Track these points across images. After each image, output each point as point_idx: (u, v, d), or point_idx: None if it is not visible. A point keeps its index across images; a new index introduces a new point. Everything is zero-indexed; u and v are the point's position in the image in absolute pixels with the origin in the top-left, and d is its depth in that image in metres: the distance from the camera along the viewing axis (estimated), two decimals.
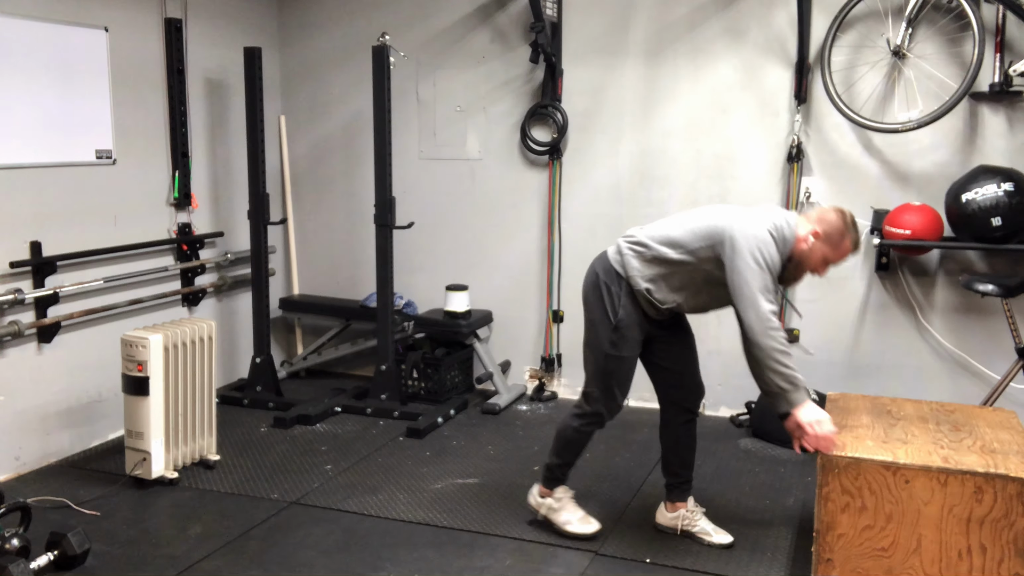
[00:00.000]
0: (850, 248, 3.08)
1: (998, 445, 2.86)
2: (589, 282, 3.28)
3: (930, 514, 2.69)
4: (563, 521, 3.38)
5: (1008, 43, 4.20)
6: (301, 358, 5.56)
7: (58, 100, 4.11)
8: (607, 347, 3.18)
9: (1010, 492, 2.61)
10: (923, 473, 2.68)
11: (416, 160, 5.37)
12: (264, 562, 3.20)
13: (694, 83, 4.78)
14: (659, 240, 3.12)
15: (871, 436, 2.90)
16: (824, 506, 2.78)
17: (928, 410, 3.25)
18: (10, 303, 3.88)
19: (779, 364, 2.86)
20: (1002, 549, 2.65)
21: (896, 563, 2.74)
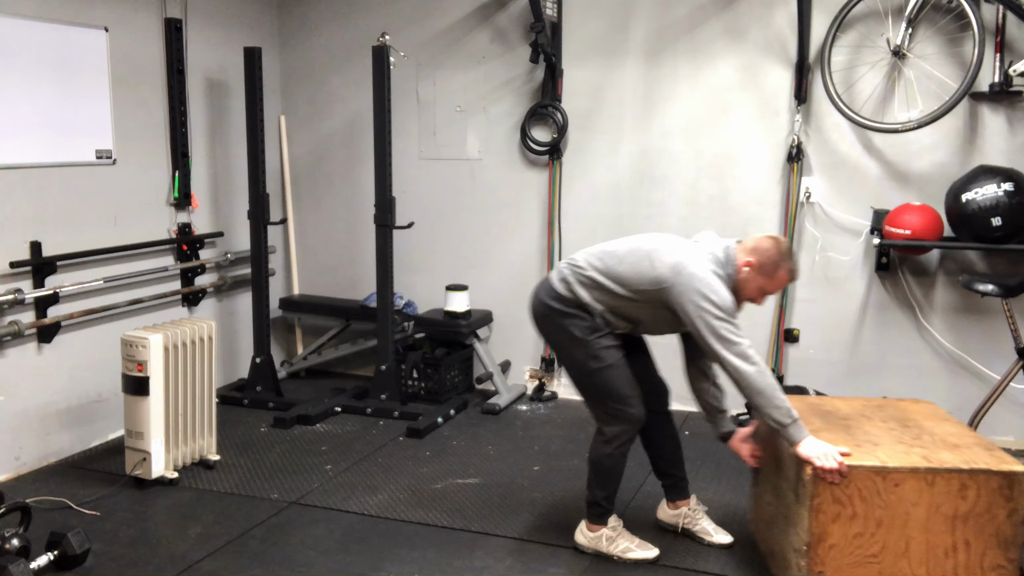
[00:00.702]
0: (786, 278, 3.04)
1: (954, 439, 2.90)
2: (540, 314, 3.21)
3: (918, 515, 2.70)
4: (623, 549, 3.22)
5: (1008, 43, 4.20)
6: (301, 358, 5.56)
7: (58, 100, 4.11)
8: (591, 364, 3.10)
9: (992, 486, 2.65)
10: (911, 475, 2.68)
11: (416, 160, 5.37)
12: (264, 562, 3.20)
13: (694, 83, 4.78)
14: (605, 274, 3.08)
15: (840, 440, 2.85)
16: (816, 518, 2.73)
17: (861, 406, 3.27)
18: (10, 303, 3.88)
19: (778, 400, 2.84)
20: (984, 542, 2.68)
21: (886, 567, 2.73)
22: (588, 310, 3.10)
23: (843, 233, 4.60)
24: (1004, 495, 2.65)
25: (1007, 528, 2.67)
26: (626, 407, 3.12)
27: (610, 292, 3.06)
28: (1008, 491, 2.65)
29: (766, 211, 4.72)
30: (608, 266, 3.09)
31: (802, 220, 4.66)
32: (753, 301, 3.08)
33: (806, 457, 2.73)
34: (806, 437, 2.78)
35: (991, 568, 2.69)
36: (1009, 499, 2.66)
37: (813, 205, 4.64)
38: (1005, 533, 2.67)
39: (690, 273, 2.92)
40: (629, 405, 3.12)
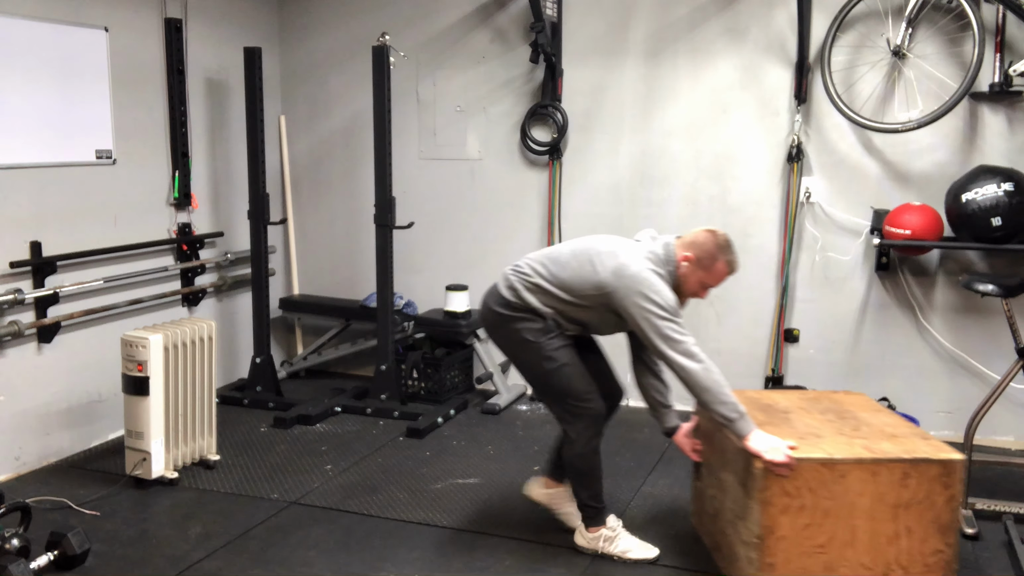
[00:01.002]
0: (725, 270, 3.08)
1: (892, 429, 2.98)
2: (491, 322, 3.25)
3: (863, 505, 2.76)
4: (623, 549, 3.23)
5: (1008, 43, 4.20)
6: (301, 358, 5.56)
7: (58, 100, 4.11)
8: (546, 365, 3.13)
9: (931, 474, 2.74)
10: (857, 466, 2.75)
11: (416, 160, 5.37)
12: (264, 562, 3.20)
13: (694, 83, 4.78)
14: (550, 281, 3.11)
15: (783, 434, 2.89)
16: (765, 510, 2.77)
17: (799, 400, 3.34)
18: (10, 303, 3.88)
19: (725, 396, 2.88)
20: (925, 528, 2.77)
21: (833, 557, 2.79)
22: (538, 314, 3.13)
23: (843, 233, 4.60)
24: (942, 483, 2.75)
25: (945, 514, 2.76)
26: (584, 403, 3.15)
27: (556, 297, 3.10)
28: (946, 479, 2.75)
29: (766, 211, 4.72)
30: (552, 272, 3.12)
31: (802, 220, 4.66)
32: (696, 295, 3.12)
33: (755, 451, 2.77)
34: (754, 431, 2.82)
35: (931, 553, 2.78)
36: (947, 486, 2.75)
37: (813, 205, 4.64)
38: (944, 519, 2.77)
39: (631, 275, 2.96)
40: (587, 401, 3.15)
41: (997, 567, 3.20)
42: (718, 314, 4.86)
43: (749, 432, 2.82)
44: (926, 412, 4.42)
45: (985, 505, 3.56)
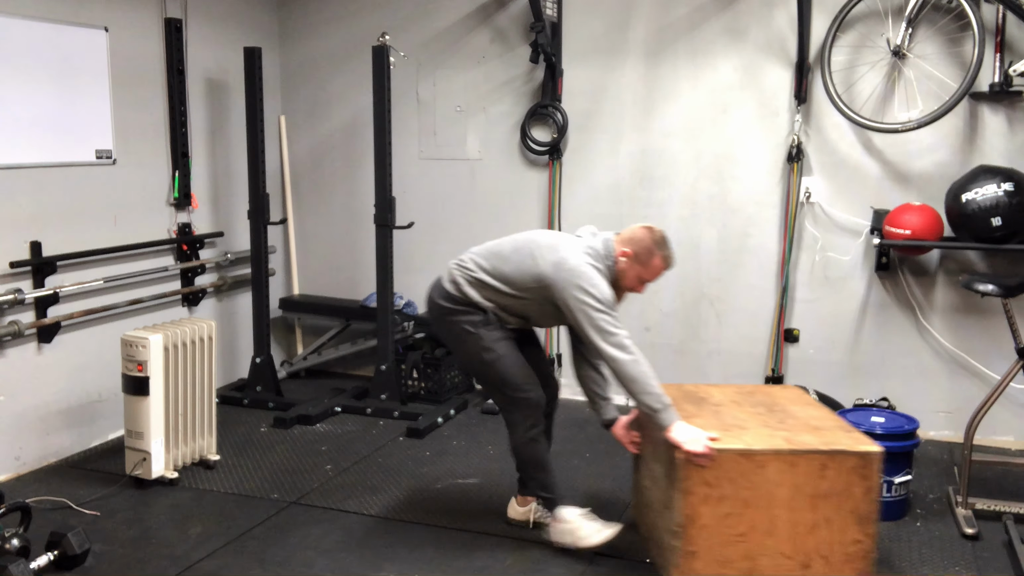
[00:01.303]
0: (662, 265, 3.18)
1: (817, 422, 3.04)
2: (435, 315, 3.35)
3: (782, 495, 2.81)
4: (584, 536, 3.27)
5: (1008, 43, 4.20)
6: (301, 358, 5.56)
7: (58, 100, 4.11)
8: (484, 356, 3.22)
9: (849, 465, 2.79)
10: (775, 457, 2.80)
11: (416, 160, 5.37)
12: (264, 562, 3.20)
13: (694, 83, 4.78)
14: (492, 275, 3.21)
15: (710, 425, 2.96)
16: (686, 499, 2.84)
17: (733, 393, 3.40)
18: (10, 303, 3.88)
19: (651, 387, 2.96)
20: (844, 519, 2.81)
21: (753, 545, 2.85)
22: (479, 307, 3.23)
23: (843, 233, 4.60)
24: (860, 474, 2.79)
25: (864, 505, 2.81)
26: (524, 392, 3.24)
27: (497, 291, 3.20)
28: (864, 470, 2.79)
29: (766, 211, 4.72)
30: (494, 266, 3.22)
31: (802, 220, 4.66)
32: (634, 290, 3.23)
33: (676, 441, 2.84)
34: (676, 422, 2.89)
35: (851, 543, 2.83)
36: (865, 477, 2.80)
37: (813, 205, 4.64)
38: (862, 510, 2.81)
39: (571, 268, 3.04)
40: (526, 390, 3.25)
41: (997, 567, 3.20)
42: (718, 314, 4.86)
43: (672, 423, 2.89)
44: (926, 412, 4.41)
45: (985, 505, 3.56)
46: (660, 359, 4.97)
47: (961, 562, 3.24)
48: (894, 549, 3.34)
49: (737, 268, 4.80)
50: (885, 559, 3.26)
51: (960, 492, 3.58)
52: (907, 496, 3.61)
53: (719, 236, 4.81)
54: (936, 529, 3.51)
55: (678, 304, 4.92)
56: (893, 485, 3.51)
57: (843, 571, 2.84)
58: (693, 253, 4.86)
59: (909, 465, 3.56)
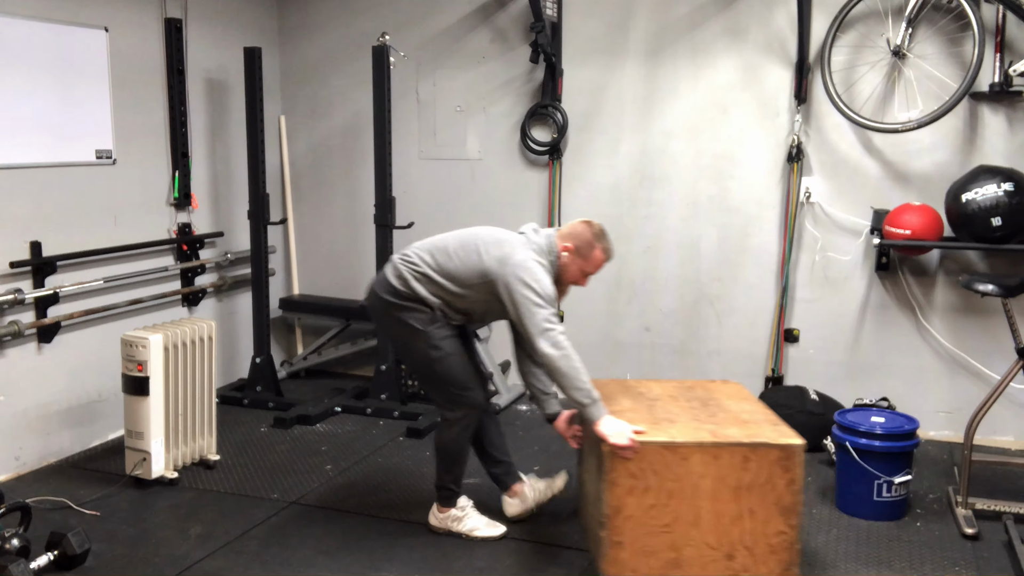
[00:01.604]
0: (602, 257, 3.28)
1: (747, 416, 3.10)
2: (378, 309, 3.36)
3: (706, 486, 2.87)
4: (471, 528, 3.38)
5: (1008, 43, 4.20)
6: (301, 358, 5.56)
7: (58, 100, 4.11)
8: (432, 354, 3.24)
9: (771, 458, 2.84)
10: (698, 449, 2.86)
11: (416, 160, 5.37)
12: (264, 562, 3.20)
13: (694, 83, 4.78)
14: (437, 271, 3.23)
15: (641, 419, 3.03)
16: (611, 491, 2.90)
17: (673, 388, 3.47)
18: (10, 303, 3.88)
19: (580, 382, 3.01)
20: (767, 510, 2.87)
21: (678, 536, 2.91)
22: (427, 304, 3.24)
23: (843, 233, 4.60)
24: (782, 466, 2.84)
25: (787, 497, 2.86)
26: (467, 392, 3.30)
27: (443, 287, 3.23)
28: (786, 462, 2.84)
29: (766, 211, 4.72)
30: (439, 263, 3.24)
31: (802, 220, 4.66)
32: (577, 283, 3.32)
33: (602, 435, 2.91)
34: (604, 416, 2.96)
35: (774, 534, 2.88)
36: (787, 470, 2.85)
37: (813, 205, 4.64)
38: (785, 501, 2.86)
39: (515, 263, 3.10)
40: (470, 389, 3.30)
41: (997, 567, 3.20)
42: (718, 314, 4.86)
43: (599, 417, 2.95)
44: (926, 412, 4.42)
45: (985, 505, 3.56)
46: (660, 359, 4.98)
47: (961, 562, 3.24)
48: (894, 549, 3.34)
49: (737, 268, 4.80)
50: (885, 559, 3.26)
51: (960, 492, 3.58)
52: (907, 496, 3.61)
53: (719, 236, 4.81)
54: (936, 529, 3.51)
55: (678, 304, 4.92)
56: (893, 485, 3.51)
57: (768, 562, 2.89)
58: (693, 253, 4.86)
59: (909, 465, 3.56)
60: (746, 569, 2.90)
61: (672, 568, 2.92)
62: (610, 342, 5.07)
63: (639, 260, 4.96)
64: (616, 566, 2.94)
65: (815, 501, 3.75)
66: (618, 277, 5.01)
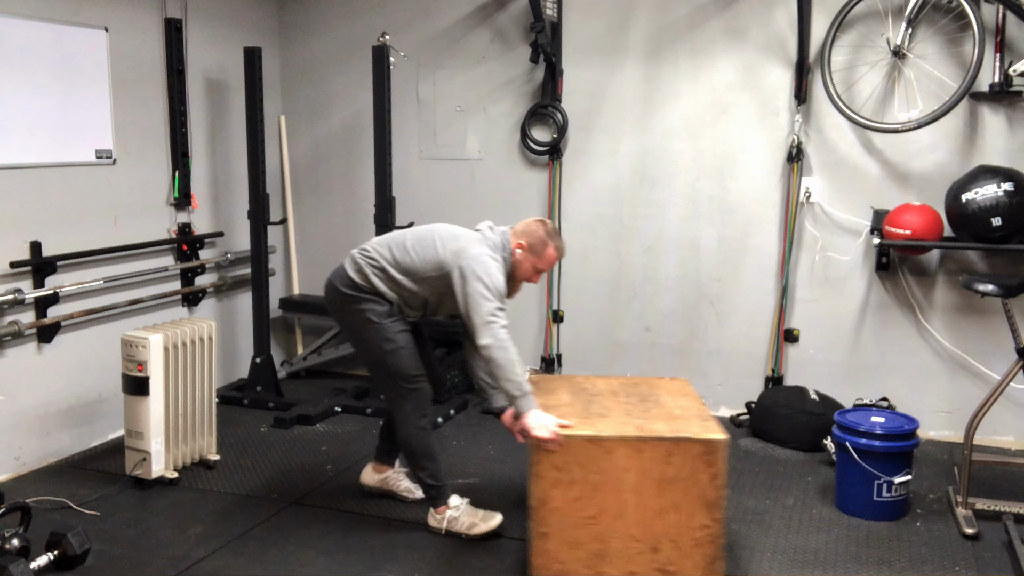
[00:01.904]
0: (554, 255, 3.39)
1: (680, 411, 3.14)
2: (336, 301, 3.43)
3: (630, 480, 2.91)
4: (468, 526, 3.39)
5: (1008, 43, 4.20)
6: (301, 358, 5.56)
7: (58, 100, 4.11)
8: (384, 346, 3.33)
9: (694, 453, 2.87)
10: (621, 443, 2.90)
11: (416, 160, 5.37)
12: (264, 562, 3.20)
13: (694, 83, 4.78)
14: (395, 266, 3.33)
15: (573, 413, 3.09)
16: (537, 482, 2.96)
17: (618, 385, 3.50)
18: (10, 303, 3.88)
19: (513, 374, 3.08)
20: (692, 504, 2.90)
21: (604, 528, 2.94)
22: (384, 297, 3.35)
23: (843, 233, 4.60)
24: (705, 461, 2.87)
25: (710, 491, 2.89)
26: (415, 384, 3.39)
27: (399, 283, 3.33)
28: (709, 457, 2.87)
29: (766, 211, 4.72)
30: (396, 257, 3.34)
31: (802, 220, 4.66)
32: (530, 279, 3.43)
33: (527, 427, 2.98)
34: (531, 409, 3.02)
35: (699, 528, 2.91)
36: (710, 464, 2.87)
37: (813, 205, 4.64)
38: (709, 496, 2.89)
39: (469, 256, 3.21)
40: (418, 382, 3.40)
41: (997, 567, 3.20)
42: (718, 314, 4.86)
43: (527, 410, 3.02)
44: (926, 412, 4.42)
45: (985, 505, 3.56)
46: (660, 359, 4.98)
47: (961, 562, 3.24)
48: (894, 549, 3.34)
49: (737, 268, 4.80)
50: (885, 559, 3.26)
51: (960, 492, 3.58)
52: (907, 496, 3.61)
53: (719, 236, 4.81)
54: (936, 529, 3.51)
55: (678, 304, 4.92)
56: (893, 485, 3.51)
57: (692, 556, 2.92)
58: (693, 253, 4.86)
59: (909, 465, 3.56)
60: (671, 562, 2.93)
61: (598, 560, 2.96)
62: (610, 342, 5.07)
63: (639, 260, 4.97)
64: (542, 557, 2.99)
65: (815, 501, 3.75)
66: (618, 277, 5.02)
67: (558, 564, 2.98)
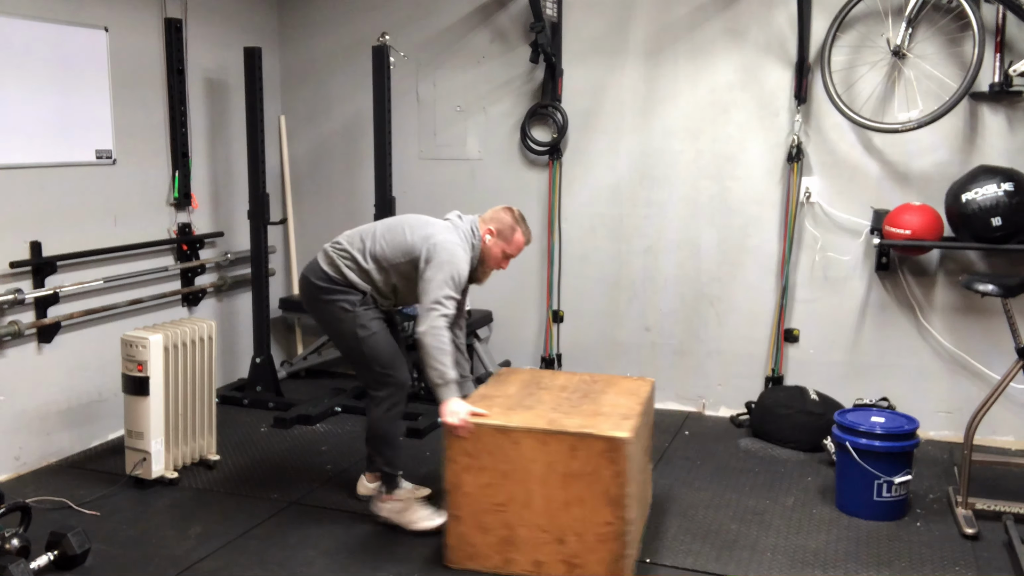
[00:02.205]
0: (522, 240, 3.49)
1: (609, 409, 3.18)
2: (310, 295, 3.51)
3: (536, 471, 2.99)
4: (408, 521, 3.43)
5: (1008, 43, 4.20)
6: (301, 358, 5.56)
7: (58, 100, 4.11)
8: (359, 333, 3.40)
9: (596, 449, 2.93)
10: (528, 435, 2.99)
11: (416, 160, 5.37)
12: (264, 562, 3.20)
13: (694, 83, 4.78)
14: (365, 255, 3.42)
15: (503, 404, 3.21)
16: (450, 467, 3.09)
17: (576, 381, 3.55)
18: (10, 303, 3.88)
19: (437, 363, 3.15)
20: (595, 499, 2.96)
21: (512, 516, 3.04)
22: (356, 288, 3.43)
23: (843, 233, 4.60)
24: (608, 458, 2.92)
25: (613, 488, 2.94)
26: (393, 371, 3.46)
27: (369, 272, 3.41)
28: (611, 454, 2.92)
29: (766, 211, 4.72)
30: (367, 246, 3.43)
31: (802, 220, 4.66)
32: (499, 266, 3.50)
33: (441, 413, 3.09)
34: (449, 398, 3.11)
35: (602, 524, 2.97)
36: (613, 461, 2.92)
37: (813, 205, 4.64)
38: (612, 493, 2.94)
39: (436, 242, 3.30)
40: (395, 369, 3.47)
41: (997, 567, 3.20)
42: (718, 314, 4.86)
43: (445, 399, 3.11)
44: (926, 412, 4.42)
45: (985, 505, 3.56)
46: (660, 359, 4.98)
47: (961, 562, 3.24)
48: (894, 549, 3.34)
49: (737, 268, 4.80)
50: (885, 559, 3.26)
51: (960, 492, 3.58)
52: (907, 496, 3.61)
53: (719, 236, 4.81)
54: (936, 529, 3.51)
55: (678, 304, 4.92)
56: (893, 485, 3.51)
57: (597, 550, 2.98)
58: (693, 253, 4.86)
59: (909, 465, 3.56)
60: (576, 555, 3.00)
61: (506, 546, 3.06)
62: (610, 342, 5.07)
63: (639, 260, 4.97)
64: (455, 538, 3.12)
65: (815, 501, 3.75)
66: (618, 277, 5.02)
67: (470, 547, 3.11)
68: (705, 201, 4.82)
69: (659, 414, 4.88)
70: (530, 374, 3.70)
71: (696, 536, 3.42)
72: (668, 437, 4.53)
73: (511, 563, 3.07)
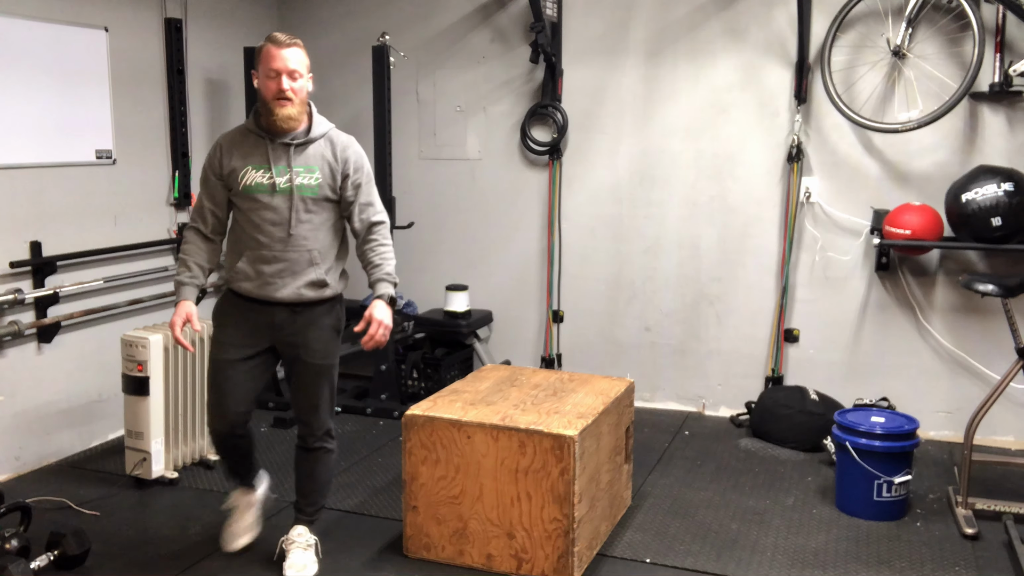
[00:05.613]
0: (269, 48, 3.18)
1: (570, 408, 3.24)
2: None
3: (488, 465, 3.07)
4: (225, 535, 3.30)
5: (1008, 43, 4.20)
6: None
7: (58, 100, 4.11)
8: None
9: (545, 446, 2.99)
10: (480, 429, 3.06)
11: (416, 160, 5.37)
12: (264, 562, 3.20)
13: (694, 83, 4.78)
14: None
15: (468, 400, 3.29)
16: (408, 459, 3.18)
17: (553, 379, 3.61)
18: (10, 303, 3.88)
19: (180, 263, 3.17)
20: (543, 496, 3.02)
21: (465, 509, 3.13)
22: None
23: (843, 233, 4.60)
24: (556, 455, 2.98)
25: (560, 485, 2.99)
26: None
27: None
28: (559, 452, 2.97)
29: (766, 211, 4.72)
30: None
31: (802, 220, 4.66)
32: (280, 96, 3.21)
33: None
34: (184, 300, 3.13)
35: (550, 520, 3.02)
36: (560, 459, 2.98)
37: (813, 205, 4.64)
38: (559, 490, 2.99)
39: None
40: None
41: (997, 567, 3.20)
42: (718, 314, 4.86)
43: (181, 300, 3.13)
44: (926, 412, 4.42)
45: (985, 505, 3.56)
46: (660, 359, 4.98)
47: (961, 562, 3.24)
48: (894, 549, 3.34)
49: (737, 268, 4.80)
50: (885, 559, 3.26)
51: (960, 492, 3.58)
52: (907, 496, 3.61)
53: (719, 236, 4.81)
54: (936, 529, 3.51)
55: (678, 304, 4.92)
56: (893, 485, 3.51)
57: (544, 546, 3.04)
58: (693, 253, 4.86)
59: (909, 465, 3.56)
60: (525, 550, 3.07)
61: (460, 538, 3.14)
62: (610, 342, 5.07)
63: (639, 260, 4.97)
64: (412, 528, 3.21)
65: (815, 501, 3.75)
66: (618, 277, 5.02)
67: (426, 537, 3.20)
68: (705, 201, 4.82)
69: (659, 414, 4.89)
70: (509, 372, 3.73)
71: (696, 536, 3.42)
72: (668, 437, 4.53)
73: (464, 555, 3.15)
